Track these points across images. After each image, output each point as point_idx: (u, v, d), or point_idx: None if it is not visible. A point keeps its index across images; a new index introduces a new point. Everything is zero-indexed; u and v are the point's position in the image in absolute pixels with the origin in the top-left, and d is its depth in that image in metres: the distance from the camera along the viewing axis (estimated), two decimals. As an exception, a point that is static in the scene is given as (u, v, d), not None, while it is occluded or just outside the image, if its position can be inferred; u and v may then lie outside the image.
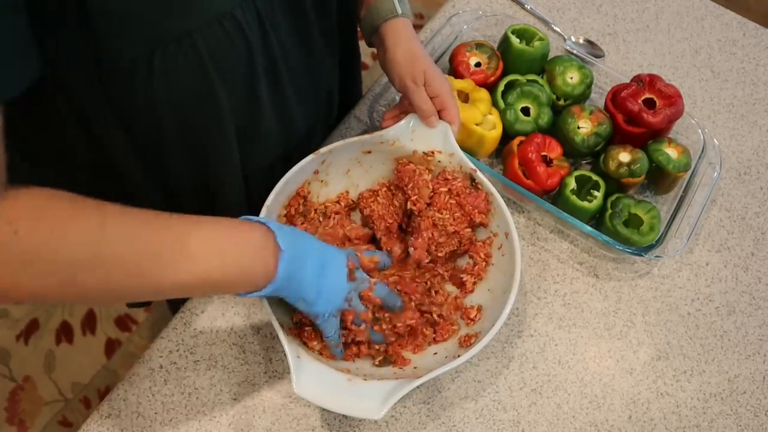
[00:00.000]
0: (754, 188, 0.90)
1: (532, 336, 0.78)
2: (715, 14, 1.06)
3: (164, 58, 0.55)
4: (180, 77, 0.57)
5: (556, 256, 0.83)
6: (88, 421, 0.71)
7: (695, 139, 0.87)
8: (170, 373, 0.73)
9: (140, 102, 0.59)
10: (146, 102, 0.59)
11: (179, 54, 0.55)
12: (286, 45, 0.67)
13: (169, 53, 0.55)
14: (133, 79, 0.56)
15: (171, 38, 0.54)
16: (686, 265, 0.84)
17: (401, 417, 0.72)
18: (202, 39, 0.55)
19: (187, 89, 0.59)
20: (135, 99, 0.58)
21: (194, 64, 0.57)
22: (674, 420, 0.74)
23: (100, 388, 1.59)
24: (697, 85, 0.99)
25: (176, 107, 0.60)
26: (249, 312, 0.77)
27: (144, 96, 0.58)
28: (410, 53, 0.75)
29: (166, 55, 0.55)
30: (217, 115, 0.63)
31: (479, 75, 0.87)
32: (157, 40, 0.54)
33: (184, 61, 0.56)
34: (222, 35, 0.57)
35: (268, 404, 0.72)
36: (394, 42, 0.75)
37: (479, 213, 0.74)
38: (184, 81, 0.58)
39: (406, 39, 0.76)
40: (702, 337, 0.79)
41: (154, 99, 0.58)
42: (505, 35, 0.90)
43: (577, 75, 0.88)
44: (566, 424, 0.73)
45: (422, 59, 0.74)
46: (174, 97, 0.59)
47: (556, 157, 0.83)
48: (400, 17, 0.76)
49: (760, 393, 0.77)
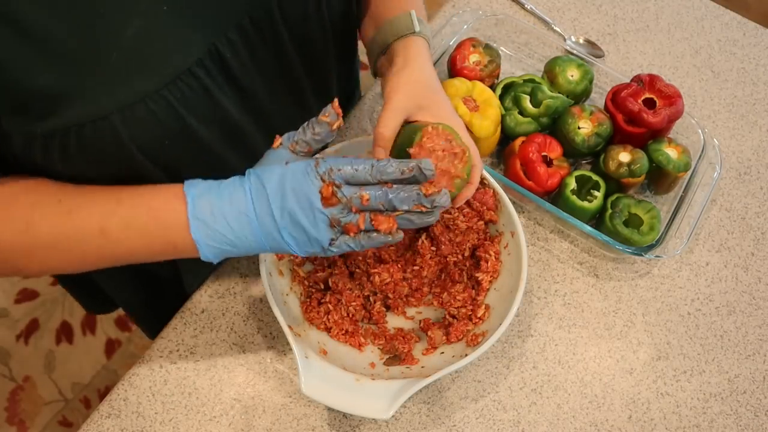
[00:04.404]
0: (754, 188, 0.90)
1: (532, 336, 0.78)
2: (715, 14, 1.06)
3: (79, 138, 0.52)
4: (97, 157, 0.55)
5: (556, 256, 0.83)
6: (88, 421, 0.71)
7: (695, 139, 0.87)
8: (170, 373, 0.73)
9: (62, 172, 0.56)
10: (67, 173, 0.56)
11: (95, 135, 0.52)
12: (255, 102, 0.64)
13: (84, 134, 0.52)
14: (47, 152, 0.54)
15: (87, 119, 0.51)
16: (686, 265, 0.84)
17: (402, 417, 0.72)
18: (122, 121, 0.52)
19: (108, 167, 0.57)
20: (45, 169, 0.56)
21: (112, 144, 0.54)
22: (674, 420, 0.74)
23: (100, 388, 1.59)
24: (697, 85, 0.99)
25: (99, 180, 0.57)
26: (249, 312, 0.77)
27: (64, 168, 0.56)
28: (423, 76, 0.64)
29: (81, 136, 0.52)
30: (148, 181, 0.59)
31: (471, 71, 0.87)
32: (71, 122, 0.51)
33: (101, 142, 0.53)
34: (146, 116, 0.53)
35: (268, 404, 0.72)
36: (405, 60, 0.65)
37: (488, 210, 0.74)
38: (103, 160, 0.55)
39: (421, 61, 0.65)
40: (702, 337, 0.79)
41: (74, 173, 0.56)
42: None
43: (577, 72, 0.88)
44: (566, 424, 0.73)
45: (437, 89, 0.64)
46: (91, 174, 0.57)
47: (557, 158, 0.83)
48: (418, 35, 0.67)
49: (760, 393, 0.77)
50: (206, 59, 0.56)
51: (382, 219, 0.55)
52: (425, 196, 0.54)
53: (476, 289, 0.75)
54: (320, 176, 0.53)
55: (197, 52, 0.55)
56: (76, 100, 0.50)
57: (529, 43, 0.96)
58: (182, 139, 0.58)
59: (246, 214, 0.54)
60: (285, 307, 0.69)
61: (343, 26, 0.72)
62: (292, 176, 0.54)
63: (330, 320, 0.72)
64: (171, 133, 0.57)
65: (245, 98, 0.63)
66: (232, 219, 0.54)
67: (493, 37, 0.96)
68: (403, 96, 0.62)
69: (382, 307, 0.75)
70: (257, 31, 0.59)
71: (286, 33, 0.62)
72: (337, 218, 0.54)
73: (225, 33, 0.56)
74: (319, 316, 0.72)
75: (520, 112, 0.86)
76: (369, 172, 0.54)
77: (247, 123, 0.65)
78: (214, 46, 0.56)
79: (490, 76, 0.88)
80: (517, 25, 0.95)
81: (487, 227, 0.76)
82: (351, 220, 0.54)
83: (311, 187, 0.53)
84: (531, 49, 0.96)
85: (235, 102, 0.62)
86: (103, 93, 0.51)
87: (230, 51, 0.58)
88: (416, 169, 0.54)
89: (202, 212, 0.54)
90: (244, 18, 0.57)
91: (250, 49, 0.60)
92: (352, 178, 0.54)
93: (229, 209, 0.54)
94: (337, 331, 0.72)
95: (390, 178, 0.54)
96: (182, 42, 0.53)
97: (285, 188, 0.54)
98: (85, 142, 0.53)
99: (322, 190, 0.53)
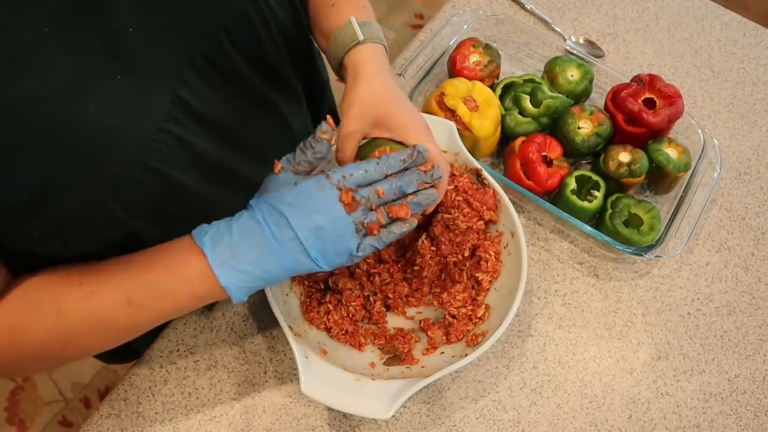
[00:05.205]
0: (754, 188, 0.90)
1: (532, 336, 0.78)
2: (715, 14, 1.06)
3: (76, 226, 0.53)
4: (97, 237, 0.55)
5: (556, 256, 0.83)
6: (88, 421, 0.71)
7: (695, 139, 0.87)
8: (170, 373, 0.73)
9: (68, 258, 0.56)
10: (73, 258, 0.56)
11: (89, 219, 0.53)
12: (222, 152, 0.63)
13: (80, 221, 0.52)
14: (47, 246, 0.54)
15: (78, 208, 0.51)
16: (686, 265, 0.84)
17: (401, 417, 0.72)
18: (112, 198, 0.52)
19: (110, 241, 0.57)
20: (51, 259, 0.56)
21: (108, 222, 0.54)
22: (674, 420, 0.74)
23: (100, 388, 1.59)
24: (697, 85, 0.99)
25: (105, 254, 0.57)
26: (249, 312, 0.77)
27: (68, 255, 0.56)
28: (374, 89, 0.62)
29: (77, 224, 0.52)
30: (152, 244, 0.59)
31: (471, 71, 0.87)
32: (63, 215, 0.51)
33: (97, 223, 0.53)
34: (133, 186, 0.53)
35: (268, 404, 0.72)
36: (354, 77, 0.63)
37: (488, 210, 0.74)
38: (103, 237, 0.56)
39: (370, 72, 0.62)
40: (702, 337, 0.79)
41: (79, 255, 0.56)
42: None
43: (577, 72, 0.88)
44: (566, 424, 0.73)
45: (391, 98, 0.62)
46: (97, 250, 0.57)
47: (557, 158, 0.83)
48: (364, 43, 0.64)
49: (760, 393, 0.77)
50: (172, 111, 0.54)
51: (397, 208, 0.57)
52: (425, 173, 0.58)
53: (476, 289, 0.75)
54: (335, 186, 0.54)
55: (163, 108, 0.53)
56: (58, 195, 0.49)
57: (529, 43, 0.96)
58: (171, 195, 0.58)
59: (267, 245, 0.53)
60: (285, 307, 0.69)
61: (295, 37, 0.71)
62: (308, 194, 0.54)
63: (330, 320, 0.72)
64: (160, 194, 0.56)
65: (218, 133, 0.61)
66: (255, 255, 0.54)
67: (493, 37, 0.96)
68: (355, 118, 0.61)
69: (382, 307, 0.75)
70: (210, 64, 0.58)
71: (238, 57, 0.61)
72: (361, 220, 0.55)
73: (181, 77, 0.55)
74: (319, 316, 0.72)
75: (520, 112, 0.86)
76: (377, 170, 0.56)
77: (227, 156, 0.64)
78: (176, 96, 0.54)
79: (490, 76, 0.88)
80: (517, 25, 0.95)
81: (487, 227, 0.76)
82: (372, 219, 0.55)
83: (331, 198, 0.54)
84: (531, 49, 0.96)
85: (210, 140, 0.61)
86: (83, 180, 0.50)
87: (191, 93, 0.56)
88: (415, 153, 0.58)
89: (223, 258, 0.54)
90: (196, 55, 0.56)
91: (208, 83, 0.58)
92: (364, 179, 0.56)
93: (248, 246, 0.53)
94: (337, 331, 0.72)
95: (396, 170, 0.57)
96: (146, 103, 0.52)
97: (305, 208, 0.53)
98: (83, 228, 0.53)
99: (342, 198, 0.54)
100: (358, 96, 0.62)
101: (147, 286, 0.55)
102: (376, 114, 0.62)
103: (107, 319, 0.55)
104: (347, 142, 0.62)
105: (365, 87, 0.62)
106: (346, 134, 0.62)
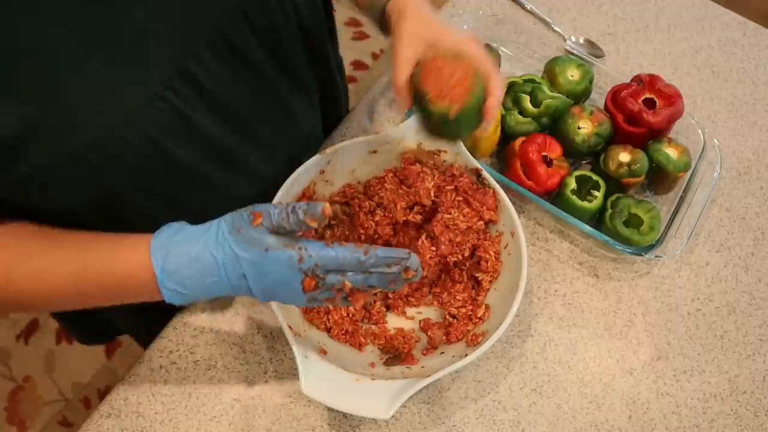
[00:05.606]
0: (754, 188, 0.90)
1: (533, 336, 0.78)
2: (715, 14, 1.06)
3: (55, 178, 0.52)
4: (77, 193, 0.55)
5: (556, 256, 0.83)
6: (88, 421, 0.71)
7: (695, 139, 0.87)
8: (170, 373, 0.73)
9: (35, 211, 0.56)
10: (49, 209, 0.56)
11: (71, 174, 0.52)
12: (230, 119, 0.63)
13: (61, 174, 0.52)
14: (27, 194, 0.53)
15: (60, 159, 0.51)
16: (686, 265, 0.84)
17: (402, 417, 0.72)
18: (97, 156, 0.52)
19: (89, 200, 0.56)
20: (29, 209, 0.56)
21: (90, 180, 0.53)
22: (674, 420, 0.74)
23: (100, 388, 1.59)
24: (697, 85, 0.99)
25: (76, 215, 0.57)
26: (249, 312, 0.77)
27: (45, 206, 0.56)
28: (422, 18, 0.64)
29: (57, 176, 0.52)
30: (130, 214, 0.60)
31: None
32: (46, 163, 0.51)
33: (79, 179, 0.53)
34: (121, 148, 0.53)
35: (268, 404, 0.72)
36: (400, 15, 0.65)
37: (488, 210, 0.74)
38: (83, 194, 0.55)
39: (414, 6, 0.65)
40: (702, 337, 0.79)
41: (56, 208, 0.56)
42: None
43: (577, 72, 0.88)
44: (566, 424, 0.73)
45: (438, 21, 0.65)
46: (74, 206, 0.57)
47: (557, 158, 0.83)
48: None
49: (760, 393, 0.77)
50: (176, 82, 0.55)
51: (359, 296, 0.55)
52: (405, 279, 0.55)
53: (476, 289, 0.75)
54: (304, 272, 0.53)
55: (166, 76, 0.54)
56: (43, 141, 0.49)
57: (529, 43, 0.96)
58: (162, 164, 0.58)
59: (219, 285, 0.54)
60: (285, 307, 0.69)
61: (312, 29, 0.71)
62: (274, 266, 0.52)
63: (330, 320, 0.72)
64: (149, 161, 0.56)
65: (222, 113, 0.62)
66: (204, 287, 0.54)
67: (493, 37, 0.96)
68: (407, 44, 0.65)
69: (382, 307, 0.75)
70: (227, 45, 0.58)
71: (255, 43, 0.62)
72: (315, 296, 0.54)
73: (194, 52, 0.56)
74: (319, 316, 0.72)
75: (520, 112, 0.86)
76: (358, 264, 0.54)
77: (228, 137, 0.64)
78: (184, 67, 0.55)
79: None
80: (517, 25, 0.95)
81: (487, 227, 0.76)
82: (328, 296, 0.55)
83: (293, 280, 0.53)
84: (531, 49, 0.96)
85: (213, 118, 0.61)
86: (72, 132, 0.50)
87: (201, 69, 0.57)
88: (404, 261, 0.55)
89: (173, 285, 0.54)
90: (214, 33, 0.57)
91: (222, 63, 0.59)
92: (338, 267, 0.53)
93: (199, 279, 0.53)
94: (337, 331, 0.72)
95: (377, 269, 0.54)
96: (147, 69, 0.52)
97: (266, 274, 0.53)
98: (63, 181, 0.52)
99: (304, 283, 0.53)
100: (407, 25, 0.65)
101: (95, 284, 0.55)
102: (427, 36, 0.65)
103: (55, 299, 0.56)
104: (402, 69, 0.65)
105: (413, 16, 0.66)
106: (401, 61, 0.64)
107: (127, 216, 0.60)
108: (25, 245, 0.55)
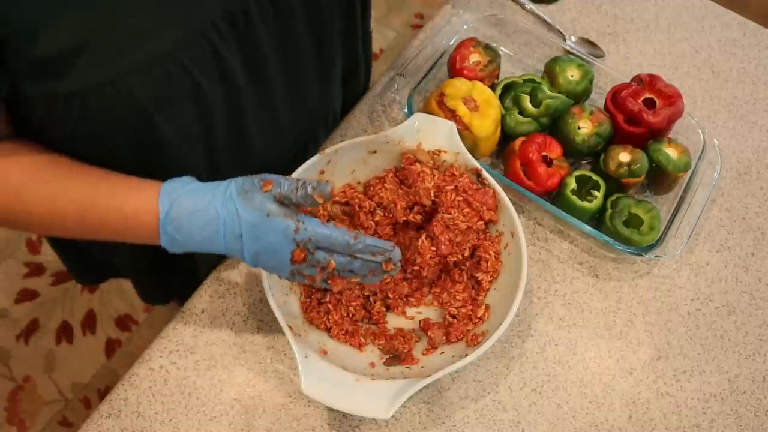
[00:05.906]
0: (754, 188, 0.90)
1: (533, 336, 0.78)
2: (715, 14, 1.06)
3: (98, 98, 0.54)
4: (114, 117, 0.57)
5: (556, 256, 0.83)
6: (88, 421, 0.71)
7: (695, 139, 0.87)
8: (170, 373, 0.73)
9: (72, 133, 0.59)
10: (79, 134, 0.58)
11: (113, 96, 0.54)
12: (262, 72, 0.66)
13: (103, 94, 0.54)
14: (68, 113, 0.55)
15: (104, 80, 0.53)
16: (686, 265, 0.84)
17: (401, 417, 0.72)
18: (139, 81, 0.54)
19: (124, 127, 0.59)
20: (66, 130, 0.58)
21: (130, 104, 0.56)
22: (674, 420, 0.74)
23: (100, 388, 1.59)
24: (697, 85, 0.99)
25: (111, 141, 0.60)
26: (249, 312, 0.77)
27: (77, 128, 0.57)
28: None
29: (100, 96, 0.54)
30: (159, 149, 0.63)
31: (471, 71, 0.87)
32: (91, 82, 0.53)
33: (119, 102, 0.55)
34: (162, 76, 0.55)
35: (268, 404, 0.72)
36: None
37: (488, 210, 0.74)
38: (120, 120, 0.57)
39: None
40: (702, 337, 0.79)
41: (91, 133, 0.58)
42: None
43: (577, 72, 0.88)
44: (566, 424, 0.73)
45: None
46: (109, 133, 0.59)
47: (557, 158, 0.83)
48: None
49: (760, 393, 0.77)
50: (220, 22, 0.57)
51: (339, 281, 0.61)
52: (385, 271, 0.61)
53: (476, 289, 0.75)
54: (297, 243, 0.57)
55: (212, 14, 0.56)
56: (92, 59, 0.51)
57: (529, 43, 0.96)
58: (192, 100, 0.60)
59: (215, 239, 0.57)
60: (285, 307, 0.69)
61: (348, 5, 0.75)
62: (271, 232, 0.57)
63: (330, 320, 0.72)
64: (184, 94, 0.59)
65: (251, 66, 0.64)
66: (199, 237, 0.57)
67: (493, 37, 0.96)
68: None
69: (382, 307, 0.75)
70: (272, 4, 0.61)
71: (300, 11, 0.65)
72: (300, 270, 0.59)
73: (241, 2, 0.58)
74: (319, 316, 0.72)
75: (520, 112, 0.86)
76: (347, 247, 0.59)
77: (250, 92, 0.67)
78: (228, 10, 0.58)
79: (490, 76, 0.88)
80: (517, 25, 0.95)
81: (487, 227, 0.76)
82: (310, 273, 0.59)
83: (285, 248, 0.57)
84: (531, 49, 0.96)
85: (243, 68, 0.63)
86: (119, 54, 0.52)
87: (244, 17, 0.59)
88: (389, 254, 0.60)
89: (171, 232, 0.57)
90: None
91: (262, 13, 0.61)
92: (329, 245, 0.58)
93: (197, 229, 0.57)
94: (337, 331, 0.72)
95: (363, 255, 0.60)
96: (198, 2, 0.55)
97: (260, 237, 0.57)
98: (104, 103, 0.54)
99: (294, 254, 0.57)
100: None
101: (99, 219, 0.59)
102: None
103: (60, 224, 0.60)
104: None
105: None
106: None
107: (162, 156, 0.63)
108: (44, 170, 0.59)
